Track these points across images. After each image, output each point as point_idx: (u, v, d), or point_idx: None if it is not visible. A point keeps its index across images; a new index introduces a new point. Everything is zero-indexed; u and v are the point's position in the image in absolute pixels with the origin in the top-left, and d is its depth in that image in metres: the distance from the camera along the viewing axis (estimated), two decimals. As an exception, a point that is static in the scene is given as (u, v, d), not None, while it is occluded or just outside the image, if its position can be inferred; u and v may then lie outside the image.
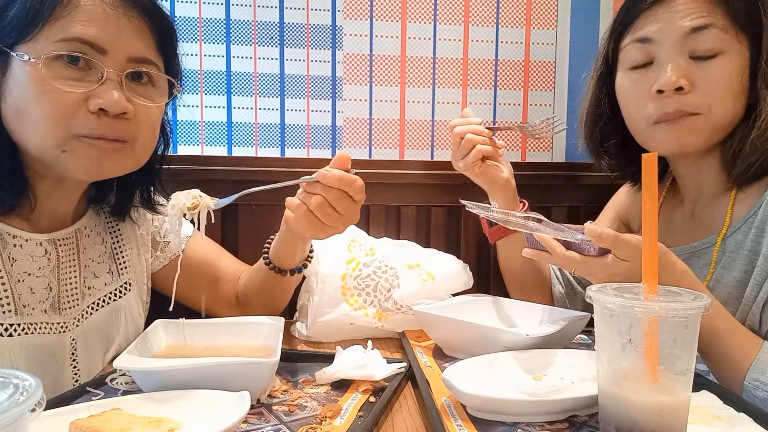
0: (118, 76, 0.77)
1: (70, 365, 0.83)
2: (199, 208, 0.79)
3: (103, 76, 0.75)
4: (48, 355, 0.80)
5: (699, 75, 0.84)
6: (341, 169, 0.80)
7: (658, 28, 0.86)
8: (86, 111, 0.75)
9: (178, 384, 0.65)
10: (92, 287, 0.89)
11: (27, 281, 0.79)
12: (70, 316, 0.84)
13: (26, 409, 0.39)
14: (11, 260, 0.78)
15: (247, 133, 1.27)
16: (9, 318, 0.76)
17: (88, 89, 0.74)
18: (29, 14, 0.73)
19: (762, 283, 0.81)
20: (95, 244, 0.91)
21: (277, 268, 0.96)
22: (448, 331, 0.87)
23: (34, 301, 0.79)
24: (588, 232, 0.73)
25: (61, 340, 0.82)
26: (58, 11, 0.73)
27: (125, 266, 0.95)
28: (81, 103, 0.74)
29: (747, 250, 0.85)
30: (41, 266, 0.81)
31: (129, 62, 0.78)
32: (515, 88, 1.35)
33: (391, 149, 1.33)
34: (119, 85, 0.77)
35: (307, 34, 1.27)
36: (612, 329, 0.54)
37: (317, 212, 0.81)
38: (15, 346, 0.76)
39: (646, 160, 0.57)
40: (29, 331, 0.78)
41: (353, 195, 0.81)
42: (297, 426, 0.62)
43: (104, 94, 0.75)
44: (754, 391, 0.73)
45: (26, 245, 0.80)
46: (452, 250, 1.17)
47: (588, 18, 1.35)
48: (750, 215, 0.86)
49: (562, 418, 0.63)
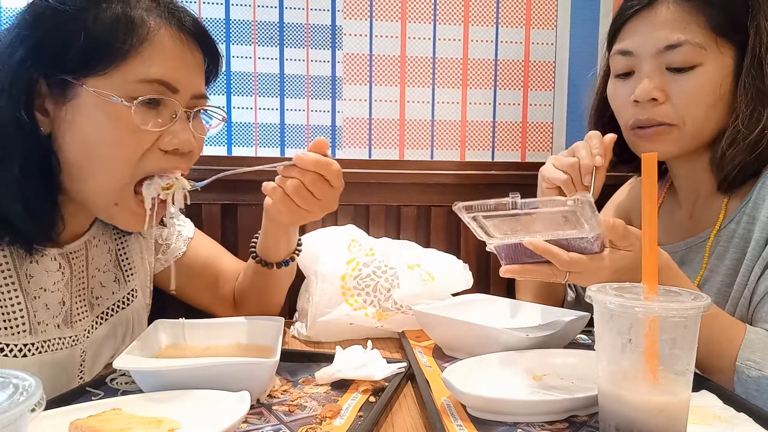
0: (186, 114, 0.76)
1: (78, 377, 0.83)
2: (174, 188, 0.78)
3: (177, 114, 0.75)
4: (60, 370, 0.79)
5: (675, 87, 0.87)
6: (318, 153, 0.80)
7: (637, 41, 0.90)
8: (157, 150, 0.74)
9: (178, 384, 0.65)
10: (100, 297, 0.88)
11: (42, 297, 0.78)
12: (81, 329, 0.83)
13: (26, 409, 0.39)
14: (28, 277, 0.77)
15: (246, 132, 1.27)
16: (23, 338, 0.75)
17: (162, 128, 0.74)
18: (102, 47, 0.70)
19: (752, 268, 0.83)
20: (102, 253, 0.90)
21: (264, 261, 0.96)
22: (448, 331, 0.87)
23: (48, 317, 0.78)
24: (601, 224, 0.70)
25: (72, 353, 0.81)
26: (136, 48, 0.71)
27: (131, 273, 0.94)
28: (155, 141, 0.74)
29: (739, 238, 0.87)
30: (56, 281, 0.80)
31: (192, 99, 0.78)
32: (515, 87, 1.35)
33: (391, 149, 1.33)
34: (188, 122, 0.77)
35: (306, 34, 1.27)
36: (612, 329, 0.53)
37: (293, 196, 0.81)
38: (29, 366, 0.75)
39: (646, 160, 0.57)
40: (43, 350, 0.77)
41: (330, 179, 0.81)
42: (297, 426, 0.62)
43: (180, 133, 0.75)
44: (747, 371, 0.74)
45: (42, 260, 0.78)
46: (452, 250, 1.17)
47: (588, 18, 1.35)
48: (743, 205, 0.88)
49: (562, 418, 0.63)
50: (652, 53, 0.88)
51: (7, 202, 0.70)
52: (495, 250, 0.78)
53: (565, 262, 0.72)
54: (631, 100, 0.90)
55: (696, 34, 0.85)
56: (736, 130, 0.85)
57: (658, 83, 0.88)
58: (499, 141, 1.37)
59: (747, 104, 0.84)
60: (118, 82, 0.71)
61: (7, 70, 0.70)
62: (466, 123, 1.35)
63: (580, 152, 0.91)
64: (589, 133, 0.94)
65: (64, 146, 0.73)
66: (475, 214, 0.75)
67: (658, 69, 0.88)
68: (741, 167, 0.87)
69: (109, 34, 0.70)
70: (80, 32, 0.70)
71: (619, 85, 0.94)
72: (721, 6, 0.85)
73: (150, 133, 0.73)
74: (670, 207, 1.05)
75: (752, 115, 0.84)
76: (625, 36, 0.92)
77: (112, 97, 0.70)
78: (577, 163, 0.90)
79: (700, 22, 0.85)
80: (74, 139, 0.72)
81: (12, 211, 0.71)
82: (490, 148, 1.37)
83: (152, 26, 0.72)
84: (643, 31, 0.89)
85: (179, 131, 0.75)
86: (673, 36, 0.85)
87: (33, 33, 0.70)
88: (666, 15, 0.86)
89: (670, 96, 0.88)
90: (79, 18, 0.70)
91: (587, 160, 0.89)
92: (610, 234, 0.71)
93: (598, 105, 1.04)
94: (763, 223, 0.83)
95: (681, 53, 0.85)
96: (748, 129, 0.84)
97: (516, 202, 0.72)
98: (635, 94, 0.89)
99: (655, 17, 0.87)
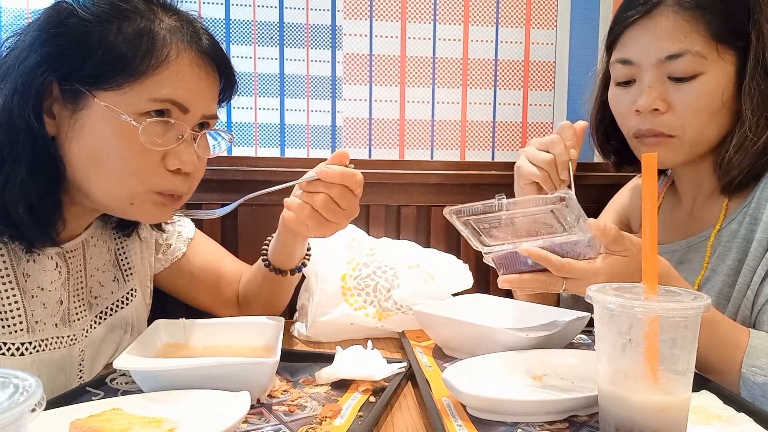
0: (192, 135, 0.76)
1: (77, 376, 0.83)
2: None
3: (183, 135, 0.75)
4: (58, 369, 0.79)
5: (677, 96, 0.87)
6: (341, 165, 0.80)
7: (638, 51, 0.89)
8: (163, 168, 0.74)
9: (178, 384, 0.65)
10: (99, 296, 0.88)
11: (40, 296, 0.78)
12: (79, 328, 0.83)
13: (26, 409, 0.39)
14: (25, 276, 0.77)
15: (246, 133, 1.27)
16: (21, 337, 0.75)
17: (168, 147, 0.74)
18: (121, 63, 0.70)
19: (755, 269, 0.83)
20: (101, 253, 0.90)
21: (277, 269, 0.96)
22: (448, 331, 0.87)
23: (46, 316, 0.78)
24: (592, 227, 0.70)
25: (71, 353, 0.81)
26: (154, 68, 0.71)
27: (130, 272, 0.94)
28: (160, 160, 0.74)
29: (741, 238, 0.86)
30: (53, 280, 0.80)
31: (202, 119, 0.78)
32: (515, 88, 1.35)
33: (391, 149, 1.33)
34: (193, 142, 0.76)
35: (306, 34, 1.27)
36: (612, 329, 0.53)
37: (323, 211, 0.80)
38: (27, 365, 0.75)
39: (646, 160, 0.57)
40: (40, 349, 0.77)
41: (354, 189, 0.81)
42: (297, 426, 0.62)
43: (184, 154, 0.75)
44: (752, 377, 0.73)
45: (39, 260, 0.78)
46: (452, 250, 1.17)
47: (588, 18, 1.35)
48: (744, 205, 0.88)
49: (562, 418, 0.63)
50: (653, 63, 0.87)
51: (12, 201, 0.70)
52: (492, 262, 0.78)
53: (560, 268, 0.72)
54: (633, 110, 0.90)
55: (696, 43, 0.84)
56: (743, 136, 0.85)
57: (660, 93, 0.87)
58: (499, 141, 1.37)
59: (753, 110, 0.84)
60: (130, 99, 0.71)
61: (22, 70, 0.69)
62: (466, 123, 1.35)
63: (555, 148, 0.91)
64: (561, 125, 0.94)
65: (70, 152, 0.73)
66: (465, 218, 0.75)
67: (659, 79, 0.87)
68: (747, 172, 0.86)
69: (129, 50, 0.70)
70: (102, 44, 0.69)
71: (620, 93, 0.94)
72: (721, 13, 0.84)
73: (155, 152, 0.73)
74: (671, 205, 1.05)
75: (759, 121, 0.84)
76: (625, 45, 0.91)
77: (122, 115, 0.70)
78: (553, 159, 0.91)
79: (700, 30, 0.84)
80: (80, 147, 0.72)
81: (15, 211, 0.70)
82: (490, 148, 1.37)
83: (173, 49, 0.72)
84: (643, 41, 0.88)
85: (183, 152, 0.75)
86: (673, 46, 0.85)
87: (54, 39, 0.70)
88: (666, 24, 0.86)
89: (672, 105, 0.87)
90: (102, 30, 0.70)
91: (564, 156, 0.89)
92: (602, 238, 0.71)
93: (598, 109, 1.04)
94: (766, 223, 0.83)
95: (682, 63, 0.85)
96: (756, 135, 0.84)
97: (502, 203, 0.73)
98: (637, 104, 0.89)
99: (655, 27, 0.87)
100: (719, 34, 0.84)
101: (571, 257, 0.73)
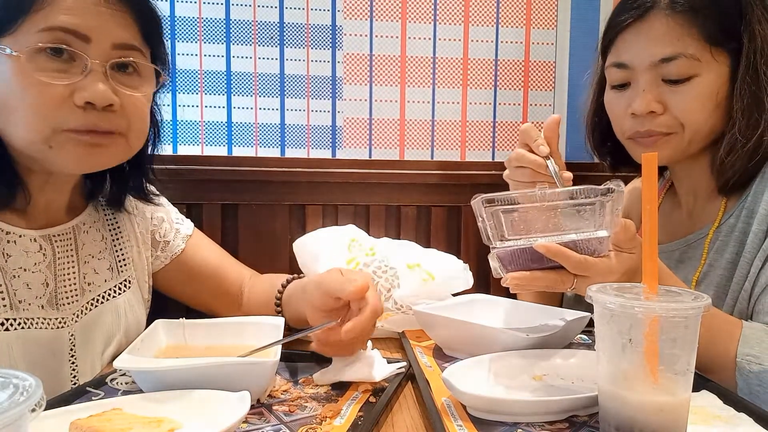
0: (102, 67, 0.75)
1: (69, 361, 0.84)
2: None
3: (87, 66, 0.74)
4: (46, 350, 0.80)
5: (672, 98, 0.88)
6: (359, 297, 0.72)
7: (632, 54, 0.90)
8: (72, 105, 0.73)
9: (178, 384, 0.65)
10: (92, 283, 0.89)
11: (22, 277, 0.79)
12: (69, 312, 0.84)
13: (26, 409, 0.39)
14: (5, 256, 0.78)
15: (247, 133, 1.27)
16: (4, 313, 0.76)
17: (72, 81, 0.73)
18: (10, 7, 0.71)
19: (752, 260, 0.83)
20: (95, 240, 0.91)
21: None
22: (448, 331, 0.87)
23: (30, 296, 0.80)
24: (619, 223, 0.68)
25: (60, 335, 0.82)
26: (39, 2, 0.71)
27: (125, 263, 0.95)
28: (67, 96, 0.73)
29: (738, 231, 0.87)
30: (36, 262, 0.81)
31: (114, 50, 0.76)
32: (515, 88, 1.35)
33: (391, 149, 1.33)
34: (104, 76, 0.75)
35: (307, 34, 1.27)
36: (612, 329, 0.53)
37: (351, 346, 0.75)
38: (12, 340, 0.76)
39: (646, 160, 0.57)
40: (26, 326, 0.78)
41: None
42: (297, 426, 0.62)
43: (90, 86, 0.73)
44: (747, 366, 0.74)
45: (20, 241, 0.80)
46: (452, 250, 1.17)
47: (588, 18, 1.35)
48: (742, 200, 0.88)
49: (562, 418, 0.63)
50: (648, 66, 0.88)
51: None
52: (496, 258, 0.73)
53: (578, 265, 0.68)
54: (628, 113, 0.91)
55: (690, 46, 0.85)
56: (733, 138, 0.86)
57: (656, 96, 0.88)
58: (499, 141, 1.37)
59: (743, 111, 0.85)
60: (23, 37, 0.72)
61: None
62: (466, 123, 1.35)
63: (527, 158, 0.87)
64: (523, 129, 0.88)
65: None
66: (495, 209, 0.70)
67: (654, 81, 0.88)
68: (741, 174, 0.87)
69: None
70: None
71: (616, 96, 0.94)
72: (713, 15, 0.85)
73: (55, 86, 0.72)
74: (670, 206, 1.05)
75: (749, 123, 0.85)
76: (620, 48, 0.92)
77: (6, 49, 0.71)
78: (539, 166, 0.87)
79: (694, 33, 0.85)
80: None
81: None
82: (490, 148, 1.37)
83: None
84: (637, 44, 0.89)
85: (89, 85, 0.73)
86: (667, 49, 0.86)
87: None
88: (659, 28, 0.86)
89: (668, 107, 0.88)
90: None
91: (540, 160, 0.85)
92: (622, 234, 0.69)
93: (594, 112, 1.04)
94: (762, 215, 0.83)
95: (676, 66, 0.86)
96: (745, 137, 0.85)
97: (545, 194, 0.69)
98: (633, 107, 0.89)
99: (649, 30, 0.87)
100: (712, 36, 0.85)
101: (586, 254, 0.69)
